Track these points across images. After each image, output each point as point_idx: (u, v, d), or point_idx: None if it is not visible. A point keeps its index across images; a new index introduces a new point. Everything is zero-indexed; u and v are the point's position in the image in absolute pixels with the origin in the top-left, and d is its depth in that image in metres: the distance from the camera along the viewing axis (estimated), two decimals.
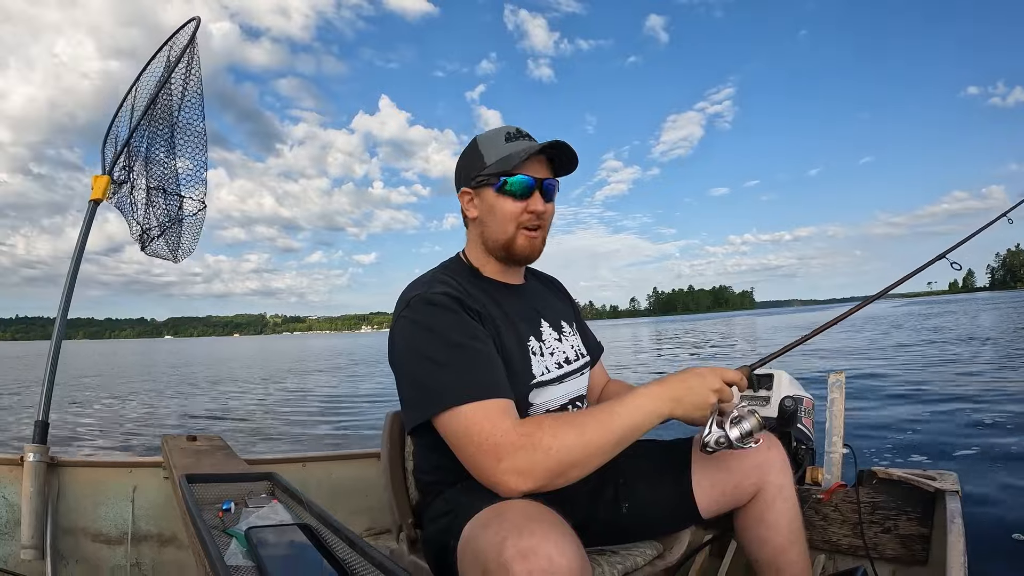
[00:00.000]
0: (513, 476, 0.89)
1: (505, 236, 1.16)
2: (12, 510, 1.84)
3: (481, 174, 1.14)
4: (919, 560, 1.50)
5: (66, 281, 2.09)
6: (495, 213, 1.15)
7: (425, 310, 1.04)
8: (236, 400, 9.91)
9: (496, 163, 1.13)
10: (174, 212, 2.40)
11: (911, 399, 5.76)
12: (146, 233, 2.42)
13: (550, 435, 0.90)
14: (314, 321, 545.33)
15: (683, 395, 1.00)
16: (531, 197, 1.14)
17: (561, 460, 0.90)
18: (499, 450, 0.90)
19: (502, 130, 1.18)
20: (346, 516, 1.83)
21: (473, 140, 1.20)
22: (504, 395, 0.97)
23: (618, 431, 0.94)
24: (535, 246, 1.19)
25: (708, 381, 1.02)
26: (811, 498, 1.63)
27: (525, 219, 1.15)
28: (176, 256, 2.49)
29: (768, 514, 1.18)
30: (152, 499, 1.97)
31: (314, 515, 1.24)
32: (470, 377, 0.97)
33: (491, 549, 0.76)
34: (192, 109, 2.28)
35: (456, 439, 0.95)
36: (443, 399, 0.96)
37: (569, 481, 0.92)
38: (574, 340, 1.30)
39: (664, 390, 1.00)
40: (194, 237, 2.50)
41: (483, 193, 1.16)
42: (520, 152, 1.11)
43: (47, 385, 1.97)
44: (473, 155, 1.17)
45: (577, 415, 0.96)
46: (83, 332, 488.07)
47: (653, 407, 0.98)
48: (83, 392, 11.91)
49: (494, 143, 1.16)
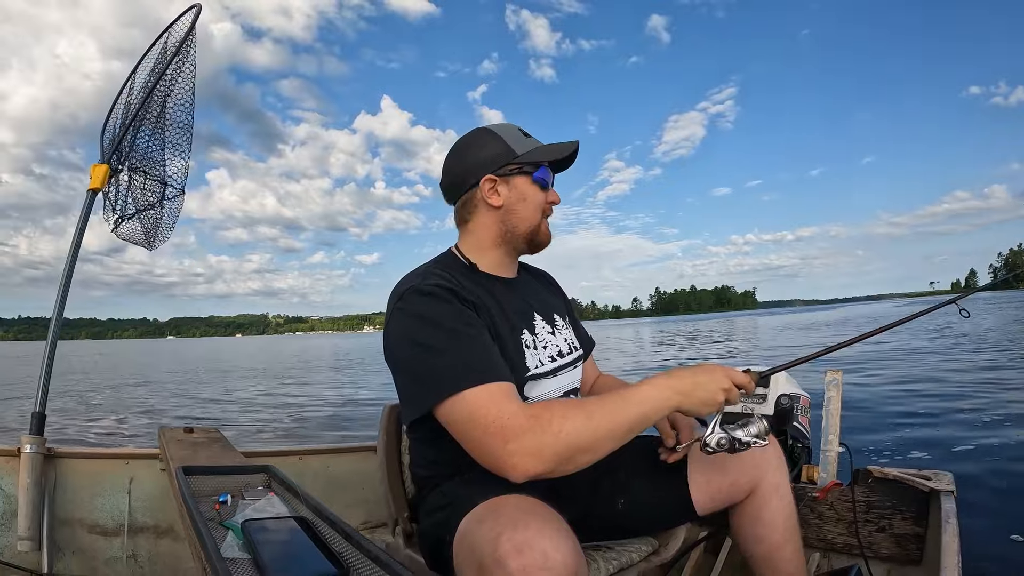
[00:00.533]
0: (522, 457, 0.87)
1: (533, 223, 1.19)
2: (9, 501, 1.84)
3: (513, 162, 1.16)
4: (913, 559, 1.51)
5: (64, 271, 2.09)
6: (527, 201, 1.18)
7: (419, 300, 1.03)
8: (234, 394, 9.91)
9: (529, 152, 1.17)
10: (154, 197, 2.37)
11: (908, 398, 5.78)
12: (122, 215, 2.39)
13: (560, 417, 0.89)
14: (316, 321, 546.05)
15: (692, 389, 0.99)
16: (551, 189, 1.21)
17: (570, 444, 0.88)
18: (506, 432, 0.88)
19: (512, 126, 1.21)
20: (342, 509, 1.83)
21: (485, 131, 1.20)
22: (506, 378, 0.96)
23: (628, 419, 0.93)
24: (550, 234, 1.24)
25: (718, 379, 1.01)
26: (806, 496, 1.64)
27: (545, 209, 1.21)
28: (151, 243, 2.47)
29: (764, 512, 1.18)
30: (148, 491, 1.97)
31: (310, 508, 1.24)
32: (470, 362, 0.95)
33: (486, 544, 0.76)
34: (183, 99, 2.27)
35: (461, 425, 0.93)
36: (444, 386, 0.94)
37: (578, 467, 0.90)
38: (567, 333, 1.30)
39: (674, 382, 0.99)
40: (170, 225, 2.48)
41: (514, 181, 1.17)
42: (557, 146, 1.19)
43: (44, 377, 1.97)
44: (496, 144, 1.17)
45: (586, 401, 0.95)
46: (85, 332, 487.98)
47: (663, 397, 0.97)
48: (79, 387, 11.91)
49: (516, 136, 1.18)
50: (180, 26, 2.25)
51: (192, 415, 7.43)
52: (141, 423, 6.70)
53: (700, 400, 1.00)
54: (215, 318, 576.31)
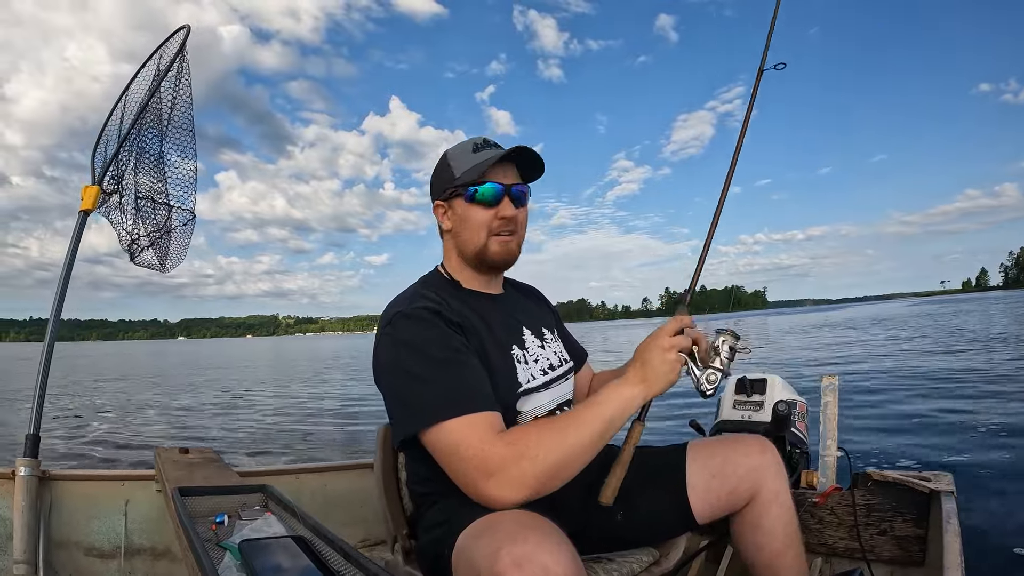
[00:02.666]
0: (505, 489, 0.89)
1: (478, 244, 1.17)
2: (4, 524, 1.83)
3: (451, 185, 1.16)
4: (915, 561, 1.51)
5: (55, 295, 2.06)
6: (467, 222, 1.17)
7: (406, 326, 1.04)
8: (231, 412, 9.85)
9: (464, 173, 1.15)
10: (163, 222, 2.38)
11: (907, 401, 5.78)
12: (135, 243, 2.41)
13: (535, 442, 0.91)
14: (327, 322, 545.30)
15: (646, 373, 1.00)
16: (500, 203, 1.15)
17: (550, 463, 0.90)
18: (488, 464, 0.90)
19: (469, 142, 1.20)
20: (340, 528, 1.82)
21: (443, 154, 1.21)
22: (490, 407, 0.98)
23: (596, 426, 0.95)
24: (510, 250, 1.20)
25: (660, 344, 1.01)
26: (807, 502, 1.64)
27: (496, 225, 1.16)
28: (164, 266, 2.47)
29: (764, 519, 1.18)
30: (145, 512, 1.95)
31: (308, 527, 1.23)
32: (454, 391, 0.97)
33: (486, 559, 0.76)
34: (181, 118, 2.27)
35: (444, 454, 0.95)
36: (428, 415, 0.96)
37: (562, 483, 0.93)
38: (556, 347, 1.31)
39: (629, 376, 1.01)
40: (183, 247, 2.48)
41: (455, 204, 1.18)
42: (485, 161, 1.13)
43: (38, 398, 1.96)
44: (443, 169, 1.19)
45: (557, 419, 0.98)
46: (96, 334, 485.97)
47: (626, 395, 0.99)
48: (78, 399, 11.82)
49: (462, 155, 1.18)
50: (171, 46, 2.25)
51: (187, 436, 7.38)
52: (136, 444, 6.65)
53: (659, 375, 1.00)
54: (225, 319, 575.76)
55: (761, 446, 1.21)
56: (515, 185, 1.17)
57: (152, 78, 2.26)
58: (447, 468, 0.96)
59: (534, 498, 0.91)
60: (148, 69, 2.31)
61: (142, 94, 2.27)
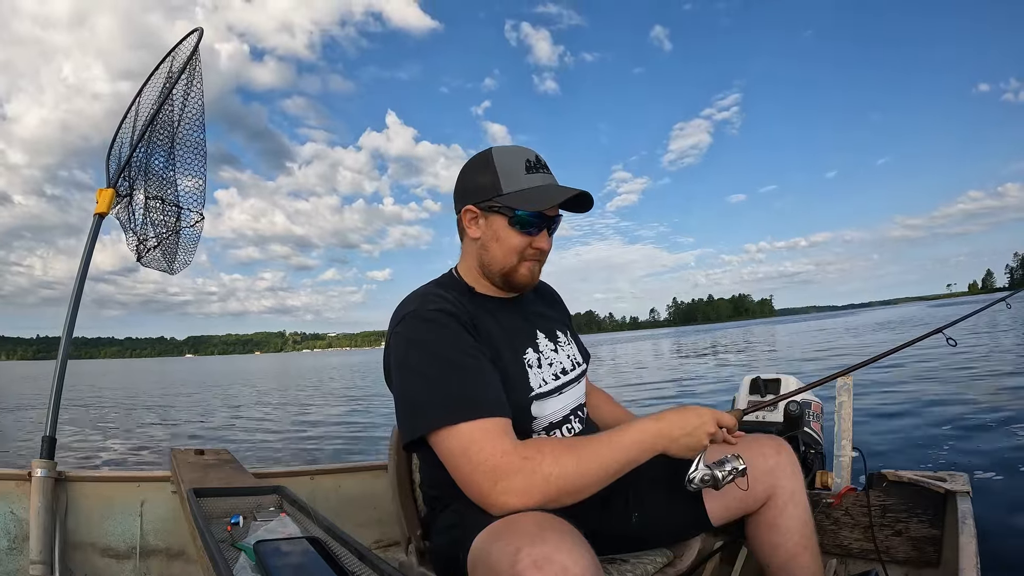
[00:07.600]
0: (509, 497, 0.88)
1: (507, 266, 1.14)
2: (20, 525, 1.84)
3: (494, 198, 1.10)
4: (931, 562, 1.49)
5: (72, 295, 2.09)
6: (501, 242, 1.12)
7: (419, 326, 1.03)
8: (245, 414, 9.91)
9: (514, 195, 1.09)
10: (171, 223, 2.39)
11: (921, 400, 5.73)
12: (143, 244, 2.42)
13: (551, 461, 0.90)
14: (334, 338, 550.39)
15: (680, 436, 1.02)
16: (540, 234, 1.13)
17: (560, 488, 0.90)
18: (497, 472, 0.89)
19: (521, 155, 1.12)
20: (355, 529, 1.82)
21: (487, 155, 1.13)
22: (501, 413, 0.96)
23: (614, 464, 0.96)
24: (535, 275, 1.18)
25: (706, 424, 1.04)
26: (821, 502, 1.62)
27: (530, 253, 1.14)
28: (172, 268, 2.48)
29: (779, 520, 1.17)
30: (160, 513, 1.97)
31: (323, 528, 1.24)
32: (466, 394, 0.95)
33: (504, 559, 0.76)
34: (193, 121, 2.28)
35: (452, 458, 0.93)
36: (437, 417, 0.94)
37: (560, 506, 0.92)
38: (570, 349, 1.28)
39: (663, 427, 1.02)
40: (191, 249, 2.49)
41: (491, 219, 1.12)
42: (541, 196, 1.09)
43: (54, 401, 1.98)
44: (488, 175, 1.11)
45: (576, 443, 0.96)
46: (104, 352, 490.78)
47: (650, 443, 1.00)
48: (92, 408, 11.92)
49: (513, 171, 1.10)
50: (184, 49, 2.27)
51: (203, 435, 7.43)
52: (152, 445, 6.70)
53: (686, 446, 1.03)
54: (232, 336, 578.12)
55: (777, 446, 1.21)
56: (556, 216, 1.14)
57: (165, 81, 2.28)
58: (453, 471, 0.94)
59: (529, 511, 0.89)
60: (161, 72, 2.33)
61: (154, 97, 2.29)
